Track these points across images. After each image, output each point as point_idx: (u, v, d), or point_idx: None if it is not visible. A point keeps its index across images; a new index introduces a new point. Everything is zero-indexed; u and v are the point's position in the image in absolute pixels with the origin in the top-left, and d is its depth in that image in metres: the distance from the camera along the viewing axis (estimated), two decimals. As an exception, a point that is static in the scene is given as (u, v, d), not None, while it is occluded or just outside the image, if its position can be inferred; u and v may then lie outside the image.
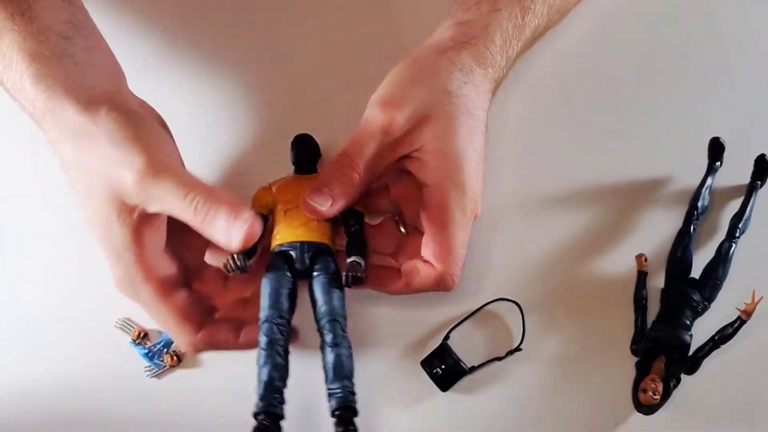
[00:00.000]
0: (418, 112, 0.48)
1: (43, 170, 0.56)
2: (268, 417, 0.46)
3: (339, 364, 0.47)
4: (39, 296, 0.54)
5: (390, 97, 0.48)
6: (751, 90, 0.56)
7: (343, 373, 0.47)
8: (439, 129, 0.48)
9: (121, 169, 0.44)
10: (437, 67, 0.50)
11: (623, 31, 0.57)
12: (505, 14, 0.51)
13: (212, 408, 0.53)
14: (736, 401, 0.51)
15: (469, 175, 0.49)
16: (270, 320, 0.47)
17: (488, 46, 0.51)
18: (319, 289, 0.48)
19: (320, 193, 0.48)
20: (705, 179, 0.54)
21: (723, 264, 0.52)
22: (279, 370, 0.47)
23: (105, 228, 0.46)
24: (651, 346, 0.51)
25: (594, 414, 0.52)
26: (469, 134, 0.49)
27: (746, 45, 0.57)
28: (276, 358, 0.47)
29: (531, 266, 0.54)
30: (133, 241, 0.45)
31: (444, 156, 0.48)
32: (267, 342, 0.47)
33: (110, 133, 0.45)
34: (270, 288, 0.48)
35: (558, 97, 0.56)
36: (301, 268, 0.49)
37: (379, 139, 0.48)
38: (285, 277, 0.48)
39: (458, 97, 0.49)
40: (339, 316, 0.48)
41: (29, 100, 0.47)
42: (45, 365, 0.54)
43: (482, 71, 0.51)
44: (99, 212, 0.45)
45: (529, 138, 0.55)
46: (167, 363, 0.53)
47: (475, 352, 0.53)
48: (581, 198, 0.55)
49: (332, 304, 0.48)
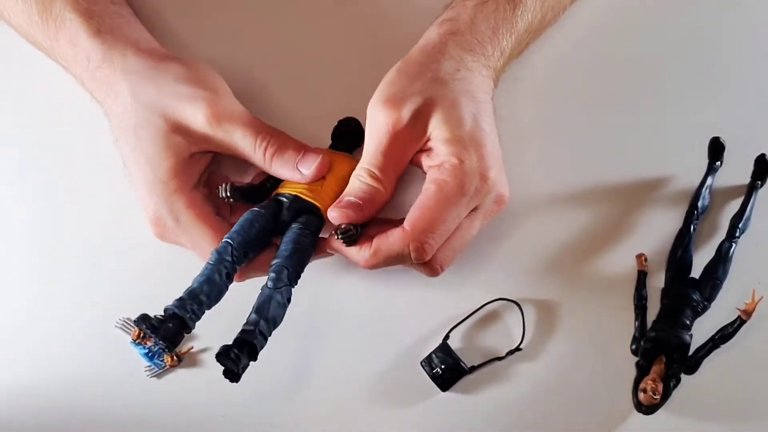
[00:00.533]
0: (420, 104, 0.48)
1: (46, 168, 0.56)
2: (173, 317, 0.44)
3: (265, 305, 0.46)
4: (39, 296, 0.54)
5: (390, 97, 0.48)
6: (751, 90, 0.56)
7: (265, 314, 0.45)
8: (443, 114, 0.48)
9: (190, 106, 0.48)
10: (428, 62, 0.50)
11: (623, 31, 0.57)
12: (492, 7, 0.51)
13: (212, 408, 0.53)
14: (736, 401, 0.51)
15: (475, 154, 0.48)
16: (229, 241, 0.47)
17: (475, 35, 0.51)
18: (288, 235, 0.48)
19: (352, 206, 0.48)
20: (705, 179, 0.54)
21: (723, 264, 0.52)
22: (211, 287, 0.46)
23: (151, 159, 0.48)
24: (651, 346, 0.51)
25: (594, 414, 0.52)
26: (474, 116, 0.49)
27: (746, 45, 0.57)
28: (215, 275, 0.46)
29: (531, 266, 0.54)
30: (180, 171, 0.49)
31: (449, 138, 0.48)
32: (216, 258, 0.47)
33: (179, 74, 0.49)
34: (246, 217, 0.48)
35: (557, 98, 0.56)
36: (285, 219, 0.49)
37: (393, 139, 0.48)
38: (265, 216, 0.49)
39: (455, 81, 0.49)
40: (291, 265, 0.47)
41: (85, 53, 0.50)
42: (45, 365, 0.54)
43: (473, 57, 0.51)
44: (149, 143, 0.48)
45: (528, 138, 0.55)
46: (167, 363, 0.53)
47: (475, 352, 0.53)
48: (581, 198, 0.55)
49: (290, 251, 0.47)
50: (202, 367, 0.54)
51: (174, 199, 0.49)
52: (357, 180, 0.49)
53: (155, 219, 0.49)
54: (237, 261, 0.47)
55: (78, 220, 0.53)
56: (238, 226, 0.48)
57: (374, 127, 0.48)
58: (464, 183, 0.47)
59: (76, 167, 0.55)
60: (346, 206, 0.48)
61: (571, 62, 0.56)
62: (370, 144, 0.49)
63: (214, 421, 0.53)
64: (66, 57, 0.51)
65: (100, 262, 0.48)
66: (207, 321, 0.51)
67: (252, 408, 0.52)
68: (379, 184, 0.48)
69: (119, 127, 0.49)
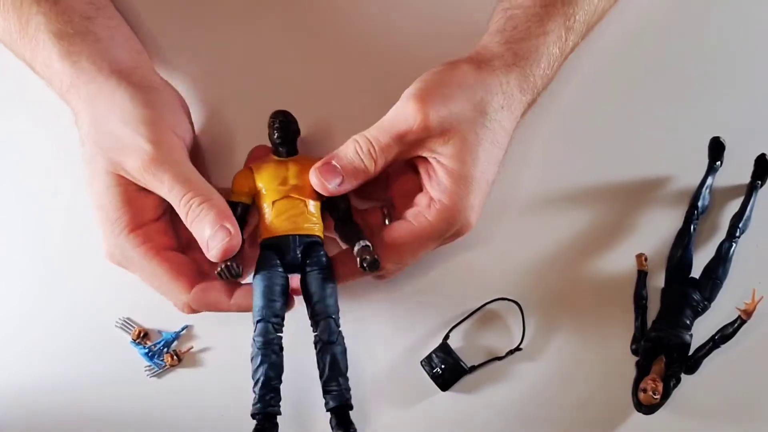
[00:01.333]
0: (450, 120, 0.47)
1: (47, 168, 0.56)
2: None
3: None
4: (39, 295, 0.54)
5: (429, 96, 0.47)
6: (751, 90, 0.56)
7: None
8: (463, 149, 0.48)
9: (127, 152, 0.46)
10: (482, 83, 0.49)
11: (623, 32, 0.57)
12: (553, 38, 0.51)
13: (212, 408, 0.53)
14: (736, 401, 0.51)
15: (470, 205, 0.48)
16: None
17: (534, 70, 0.51)
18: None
19: (333, 171, 0.48)
20: (705, 179, 0.54)
21: (723, 263, 0.52)
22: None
23: (101, 195, 0.47)
24: (651, 346, 0.51)
25: (594, 414, 0.52)
26: (488, 163, 0.49)
27: (746, 45, 0.57)
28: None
29: (531, 266, 0.54)
30: (127, 208, 0.47)
31: (456, 179, 0.48)
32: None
33: (124, 111, 0.47)
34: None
35: (557, 98, 0.56)
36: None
37: (408, 135, 0.47)
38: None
39: (492, 121, 0.49)
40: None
41: (57, 76, 0.49)
42: (45, 364, 0.54)
43: (521, 97, 0.50)
44: (97, 178, 0.47)
45: (528, 138, 0.55)
46: (167, 363, 0.53)
47: (475, 352, 0.53)
48: (581, 198, 0.55)
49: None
50: (202, 367, 0.54)
51: (122, 237, 0.47)
52: (353, 146, 0.48)
53: (109, 254, 0.48)
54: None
55: (78, 220, 0.53)
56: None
57: (401, 114, 0.47)
58: (447, 227, 0.48)
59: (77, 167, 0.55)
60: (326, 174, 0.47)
61: (571, 63, 0.56)
62: (386, 121, 0.48)
63: (214, 421, 0.53)
64: (43, 76, 0.51)
65: (101, 261, 0.48)
66: (208, 320, 0.52)
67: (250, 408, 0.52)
68: (372, 163, 0.48)
69: (83, 153, 0.49)
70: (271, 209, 0.48)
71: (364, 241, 0.47)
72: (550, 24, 0.51)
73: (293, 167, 0.49)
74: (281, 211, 0.48)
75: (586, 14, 0.52)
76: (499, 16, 0.52)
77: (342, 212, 0.50)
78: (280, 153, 0.50)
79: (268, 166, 0.50)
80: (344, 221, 0.50)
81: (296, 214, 0.48)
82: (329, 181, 0.47)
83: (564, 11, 0.51)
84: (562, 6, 0.51)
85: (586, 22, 0.53)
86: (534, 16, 0.51)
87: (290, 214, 0.48)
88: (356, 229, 0.49)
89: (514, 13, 0.51)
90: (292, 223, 0.48)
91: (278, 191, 0.48)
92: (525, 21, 0.51)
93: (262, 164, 0.50)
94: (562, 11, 0.51)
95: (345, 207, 0.50)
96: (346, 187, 0.48)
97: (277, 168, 0.49)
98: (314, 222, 0.49)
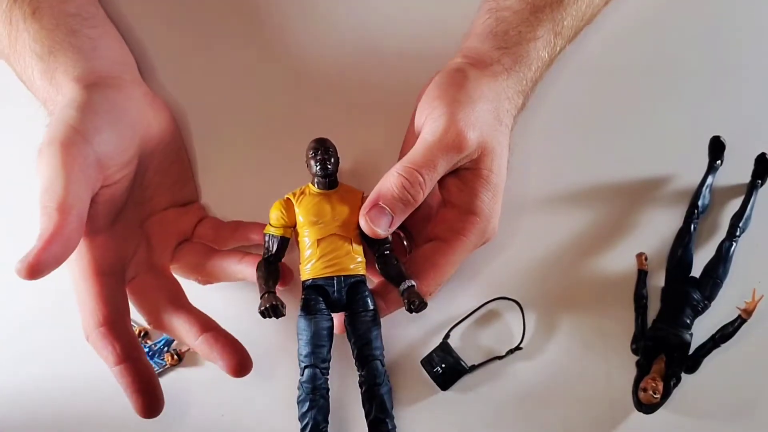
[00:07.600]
0: (483, 137, 0.48)
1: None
2: None
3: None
4: (38, 295, 0.54)
5: (465, 117, 0.47)
6: (751, 90, 0.56)
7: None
8: (494, 160, 0.49)
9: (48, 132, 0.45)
10: (495, 91, 0.50)
11: (623, 32, 0.57)
12: (543, 42, 0.51)
13: (212, 407, 0.53)
14: (736, 401, 0.51)
15: (495, 202, 0.49)
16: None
17: (527, 74, 0.51)
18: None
19: (382, 213, 0.46)
20: (705, 178, 0.54)
21: (723, 263, 0.52)
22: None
23: None
24: (651, 345, 0.51)
25: (594, 414, 0.52)
26: (504, 168, 0.50)
27: (746, 45, 0.57)
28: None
29: (531, 265, 0.54)
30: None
31: (490, 190, 0.49)
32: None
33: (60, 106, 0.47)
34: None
35: (557, 98, 0.56)
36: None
37: (452, 159, 0.47)
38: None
39: (504, 126, 0.50)
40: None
41: (38, 92, 0.51)
42: (44, 364, 0.54)
43: (518, 101, 0.52)
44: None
45: (528, 138, 0.55)
46: (167, 362, 0.53)
47: (476, 351, 0.53)
48: (581, 197, 0.55)
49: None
50: (203, 366, 0.54)
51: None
52: (399, 181, 0.46)
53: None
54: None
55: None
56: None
57: (442, 137, 0.46)
58: (481, 239, 0.49)
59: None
60: (376, 219, 0.46)
61: (571, 63, 0.56)
62: (427, 147, 0.46)
63: (214, 421, 0.53)
64: (30, 90, 0.52)
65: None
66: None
67: (252, 408, 0.52)
68: (420, 194, 0.46)
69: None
70: (316, 248, 0.47)
71: (410, 281, 0.47)
72: (540, 29, 0.51)
73: (337, 203, 0.48)
74: (326, 252, 0.47)
75: (574, 19, 0.53)
76: (486, 16, 0.52)
77: (384, 248, 0.48)
78: (320, 184, 0.48)
79: (311, 199, 0.48)
80: (386, 257, 0.48)
81: (342, 255, 0.47)
82: (379, 226, 0.46)
83: (553, 16, 0.52)
84: (551, 11, 0.52)
85: (574, 27, 0.53)
86: (524, 21, 0.51)
87: (336, 255, 0.47)
88: (399, 268, 0.48)
89: (503, 15, 0.52)
90: (338, 265, 0.47)
91: (322, 230, 0.47)
92: (516, 25, 0.51)
93: (304, 197, 0.48)
94: (550, 16, 0.52)
95: (387, 243, 0.48)
96: (396, 225, 0.47)
97: (321, 203, 0.48)
98: (359, 261, 0.48)
